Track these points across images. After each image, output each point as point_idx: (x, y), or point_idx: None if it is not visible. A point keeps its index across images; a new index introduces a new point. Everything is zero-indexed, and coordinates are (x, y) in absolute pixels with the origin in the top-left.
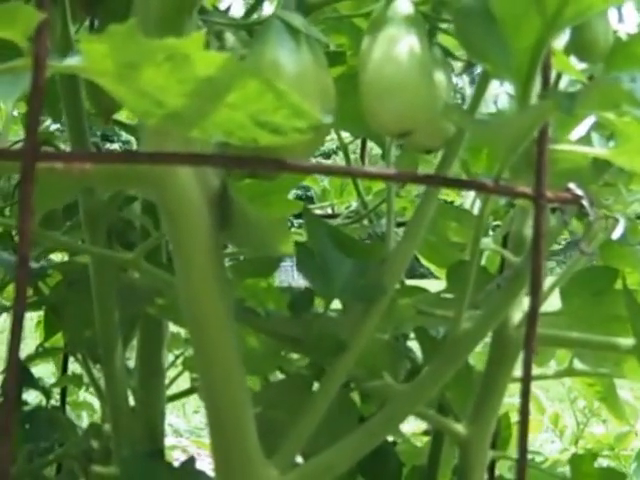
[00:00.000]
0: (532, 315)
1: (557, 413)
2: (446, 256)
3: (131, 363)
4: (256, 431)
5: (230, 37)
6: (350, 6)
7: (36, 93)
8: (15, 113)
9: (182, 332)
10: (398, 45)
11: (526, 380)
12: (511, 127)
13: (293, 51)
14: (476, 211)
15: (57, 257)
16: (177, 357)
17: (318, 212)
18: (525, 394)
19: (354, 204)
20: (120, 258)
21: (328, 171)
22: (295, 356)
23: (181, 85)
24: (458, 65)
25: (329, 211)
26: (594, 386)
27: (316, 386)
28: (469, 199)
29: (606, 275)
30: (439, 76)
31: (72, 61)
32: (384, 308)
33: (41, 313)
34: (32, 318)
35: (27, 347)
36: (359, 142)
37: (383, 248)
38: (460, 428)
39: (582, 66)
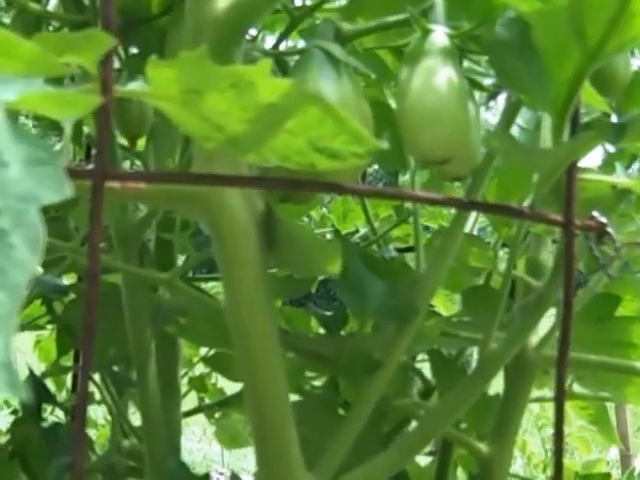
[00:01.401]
0: (564, 335)
1: (525, 440)
2: (460, 280)
3: None
4: (298, 445)
5: None
6: (373, 40)
7: (104, 116)
8: None
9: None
10: (437, 76)
11: (559, 398)
12: (553, 156)
13: (335, 80)
14: None
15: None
16: (181, 377)
17: None
18: (559, 411)
19: (362, 230)
20: (155, 278)
21: (381, 194)
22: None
23: (243, 111)
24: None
25: (329, 237)
26: (587, 409)
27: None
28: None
29: (608, 302)
30: (471, 105)
31: (137, 86)
32: (416, 328)
33: (41, 332)
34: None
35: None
36: None
37: (413, 271)
38: (483, 447)
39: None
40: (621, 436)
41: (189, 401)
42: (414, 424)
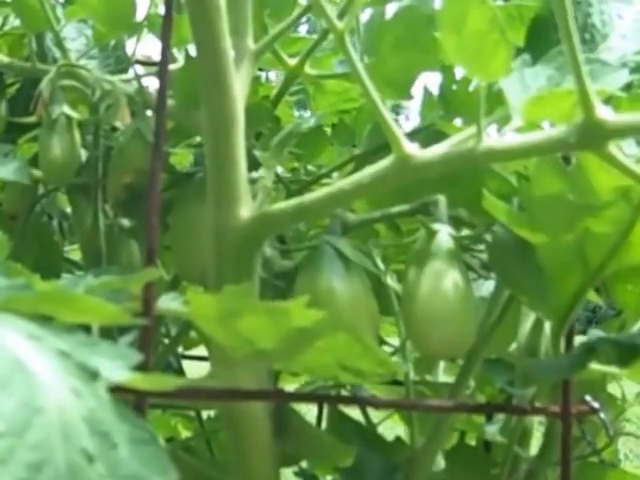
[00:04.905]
0: None
1: None
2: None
3: None
4: None
5: (267, 248)
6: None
7: (147, 333)
8: None
9: None
10: (443, 281)
11: None
12: (552, 369)
13: (346, 280)
14: None
15: None
16: None
17: None
18: None
19: None
20: None
21: (397, 405)
22: None
23: (276, 331)
24: None
25: None
26: None
27: None
28: None
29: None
30: (471, 296)
31: (177, 306)
32: None
33: None
34: None
35: None
36: None
37: (409, 447)
38: None
39: None
40: None
41: None
42: None
